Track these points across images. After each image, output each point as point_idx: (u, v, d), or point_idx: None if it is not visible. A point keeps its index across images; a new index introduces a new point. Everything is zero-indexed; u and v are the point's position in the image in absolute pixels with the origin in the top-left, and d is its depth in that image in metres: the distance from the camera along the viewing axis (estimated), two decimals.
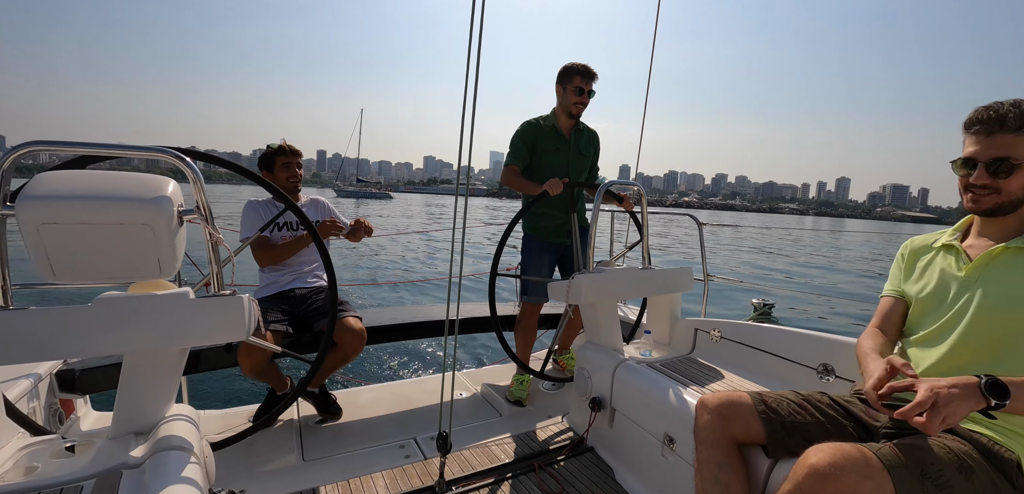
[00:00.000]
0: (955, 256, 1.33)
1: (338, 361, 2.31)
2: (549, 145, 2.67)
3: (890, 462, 1.03)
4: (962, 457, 1.09)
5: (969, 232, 1.37)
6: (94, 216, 1.18)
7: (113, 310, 1.29)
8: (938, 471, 1.05)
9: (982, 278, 1.24)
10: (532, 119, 2.72)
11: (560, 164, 2.68)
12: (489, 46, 38.55)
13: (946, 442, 1.12)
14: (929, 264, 1.40)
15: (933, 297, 1.34)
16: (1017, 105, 1.16)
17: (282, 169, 2.44)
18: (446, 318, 1.88)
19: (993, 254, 1.24)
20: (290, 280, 2.47)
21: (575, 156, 2.72)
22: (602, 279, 2.32)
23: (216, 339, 1.42)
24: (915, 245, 1.49)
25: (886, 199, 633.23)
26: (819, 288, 12.79)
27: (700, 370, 2.24)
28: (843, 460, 1.02)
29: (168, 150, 1.39)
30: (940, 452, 1.08)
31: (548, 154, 2.67)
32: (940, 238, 1.42)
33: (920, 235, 1.51)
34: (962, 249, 1.32)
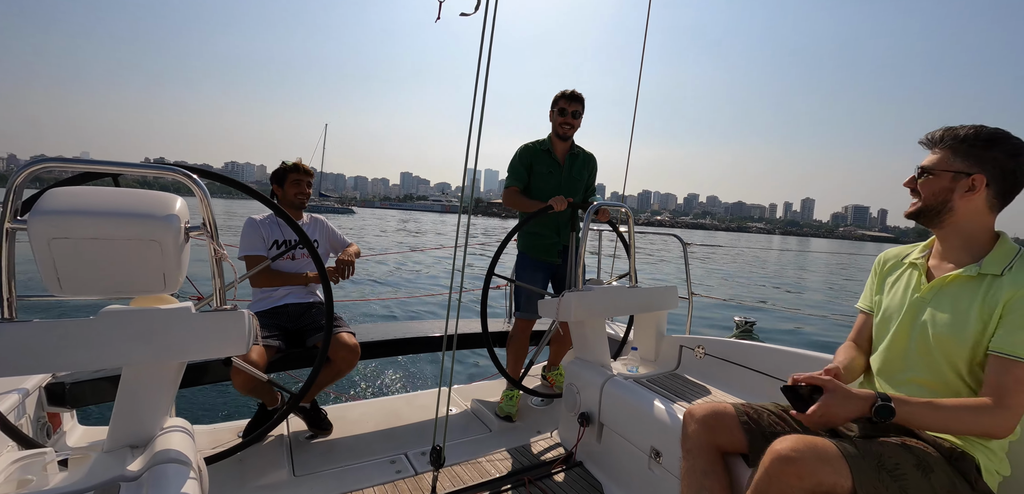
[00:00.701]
0: (918, 274, 1.40)
1: (331, 376, 2.32)
2: (544, 168, 2.76)
3: (848, 452, 1.12)
4: (921, 455, 1.17)
5: (933, 252, 1.44)
6: (105, 231, 1.20)
7: (117, 323, 1.30)
8: (895, 465, 1.13)
9: (933, 301, 1.32)
10: (530, 142, 2.82)
11: (553, 187, 2.76)
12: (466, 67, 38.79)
13: (907, 442, 1.21)
14: (896, 279, 1.48)
15: (889, 310, 1.43)
16: (949, 128, 1.30)
17: (292, 185, 2.52)
18: (445, 333, 1.92)
19: (946, 280, 1.31)
20: (284, 295, 2.49)
21: (568, 180, 2.81)
22: (591, 297, 2.36)
23: (217, 353, 1.44)
24: (888, 258, 1.56)
25: (848, 219, 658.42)
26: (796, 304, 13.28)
27: (685, 386, 2.29)
28: (804, 447, 1.12)
29: (177, 169, 1.42)
30: (899, 452, 1.16)
31: (542, 177, 2.76)
32: (911, 254, 1.49)
33: (895, 247, 1.58)
34: (926, 268, 1.40)
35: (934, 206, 1.31)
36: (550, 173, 2.76)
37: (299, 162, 2.56)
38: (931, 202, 1.31)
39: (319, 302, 2.59)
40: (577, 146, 2.86)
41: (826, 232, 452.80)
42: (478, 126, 1.66)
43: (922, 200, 1.33)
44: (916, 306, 1.35)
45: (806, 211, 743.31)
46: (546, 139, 2.81)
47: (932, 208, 1.31)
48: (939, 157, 1.30)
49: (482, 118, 1.67)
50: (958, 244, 1.33)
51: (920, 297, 1.35)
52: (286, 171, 2.54)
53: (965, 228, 1.30)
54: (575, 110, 2.71)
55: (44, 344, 1.23)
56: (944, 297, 1.30)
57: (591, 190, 2.97)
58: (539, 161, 2.76)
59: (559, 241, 2.76)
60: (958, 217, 1.29)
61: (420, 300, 8.68)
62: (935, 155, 1.31)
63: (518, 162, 2.76)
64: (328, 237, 2.68)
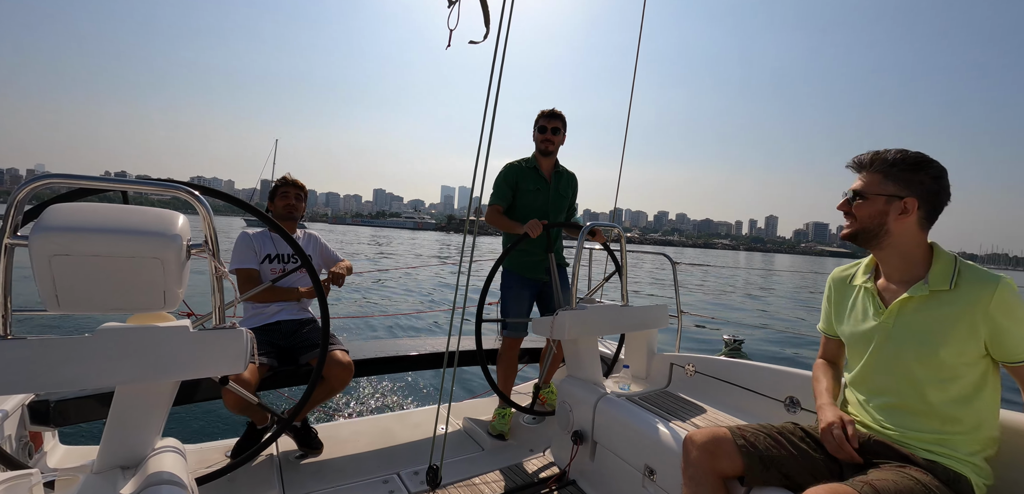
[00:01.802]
0: (872, 300, 1.44)
1: (324, 394, 2.29)
2: (530, 186, 2.79)
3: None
4: (927, 486, 1.21)
5: (878, 271, 1.48)
6: (107, 249, 1.19)
7: (116, 341, 1.28)
8: None
9: (896, 326, 1.36)
10: (514, 161, 2.85)
11: (540, 204, 2.80)
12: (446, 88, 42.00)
13: (911, 473, 1.24)
14: (852, 304, 1.52)
15: (858, 341, 1.46)
16: (877, 152, 1.37)
17: (280, 198, 2.52)
18: (446, 350, 1.95)
19: (902, 303, 1.35)
20: (276, 312, 2.46)
21: (555, 197, 2.85)
22: (584, 316, 2.38)
23: (215, 371, 1.42)
24: (837, 279, 1.61)
25: (809, 236, 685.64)
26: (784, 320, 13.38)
27: (677, 403, 2.32)
28: None
29: (179, 186, 1.41)
30: (908, 484, 1.20)
31: (529, 194, 2.79)
32: (856, 276, 1.54)
33: (841, 266, 1.63)
34: (876, 292, 1.44)
35: (871, 229, 1.36)
36: (537, 190, 2.80)
37: (287, 176, 2.56)
38: (867, 224, 1.36)
39: (311, 319, 2.57)
40: (560, 164, 2.90)
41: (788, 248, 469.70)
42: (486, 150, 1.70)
43: (858, 223, 1.38)
44: (882, 333, 1.39)
45: (770, 228, 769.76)
46: (531, 157, 2.84)
47: (869, 230, 1.37)
48: (869, 180, 1.36)
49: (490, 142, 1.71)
50: (898, 263, 1.38)
51: (882, 322, 1.39)
52: (277, 186, 2.55)
53: (902, 247, 1.36)
54: (555, 127, 2.76)
55: (41, 362, 1.21)
56: (905, 320, 1.35)
57: (573, 209, 3.01)
58: (525, 179, 2.79)
59: (546, 259, 2.76)
60: (894, 238, 1.35)
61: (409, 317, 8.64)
62: (865, 178, 1.37)
63: (503, 181, 2.78)
64: (320, 252, 2.66)
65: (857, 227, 1.39)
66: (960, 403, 1.29)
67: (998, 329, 1.24)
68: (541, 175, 2.82)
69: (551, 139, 2.77)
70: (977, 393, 1.29)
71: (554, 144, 2.78)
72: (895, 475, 1.22)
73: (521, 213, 2.79)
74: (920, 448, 1.30)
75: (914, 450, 1.31)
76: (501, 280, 2.85)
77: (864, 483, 1.18)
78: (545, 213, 2.78)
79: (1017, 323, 1.23)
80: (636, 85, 3.03)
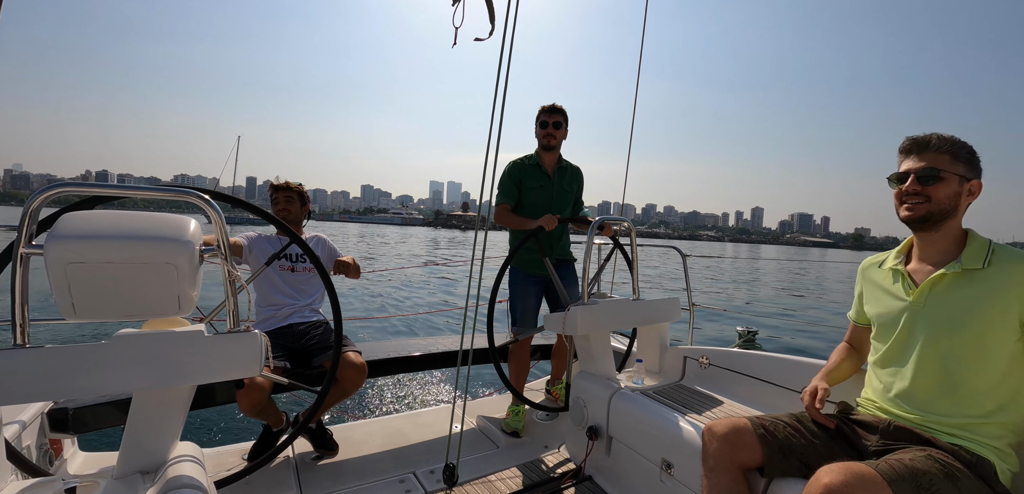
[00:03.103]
0: (902, 281, 1.43)
1: (338, 396, 2.30)
2: (534, 183, 2.78)
3: (890, 476, 1.13)
4: (948, 467, 1.19)
5: (911, 255, 1.47)
6: (121, 255, 1.20)
7: (132, 348, 1.28)
8: (929, 481, 1.15)
9: (926, 304, 1.35)
10: (518, 158, 2.84)
11: (544, 200, 2.79)
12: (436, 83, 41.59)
13: (932, 454, 1.22)
14: (880, 287, 1.52)
15: (886, 322, 1.45)
16: (940, 134, 1.34)
17: (273, 204, 2.54)
18: (459, 349, 1.95)
19: (933, 280, 1.35)
20: (288, 314, 2.45)
21: (559, 193, 2.83)
22: (596, 310, 2.38)
23: (231, 375, 1.42)
24: (867, 267, 1.61)
25: (794, 226, 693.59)
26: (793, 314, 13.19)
27: (692, 396, 2.31)
28: (853, 478, 1.11)
29: (192, 191, 1.42)
30: (929, 465, 1.18)
31: (532, 191, 2.79)
32: (887, 261, 1.53)
33: (870, 257, 1.63)
34: (907, 274, 1.43)
35: (946, 209, 1.33)
36: (541, 187, 2.79)
37: (284, 181, 2.58)
38: (945, 204, 1.32)
39: (323, 321, 2.56)
40: (564, 159, 2.88)
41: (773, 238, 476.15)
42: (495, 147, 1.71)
43: (935, 203, 1.33)
44: (912, 311, 1.38)
45: (756, 219, 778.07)
46: (534, 154, 2.83)
47: (945, 210, 1.33)
48: (939, 160, 1.32)
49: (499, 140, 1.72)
50: (943, 246, 1.37)
51: (913, 302, 1.38)
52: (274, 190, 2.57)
53: (952, 230, 1.36)
54: (556, 122, 2.74)
55: (59, 370, 1.21)
56: (936, 298, 1.34)
57: (579, 203, 2.99)
58: (529, 176, 2.78)
59: (552, 255, 2.78)
60: (955, 221, 1.35)
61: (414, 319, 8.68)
62: (931, 158, 1.33)
63: (507, 179, 2.78)
64: (329, 254, 2.64)
65: (932, 207, 1.33)
66: (987, 386, 1.27)
67: None
68: (544, 171, 2.82)
69: (553, 134, 2.76)
70: (1006, 377, 1.27)
71: (556, 139, 2.78)
72: (914, 454, 1.22)
73: (525, 210, 2.79)
74: (943, 433, 1.29)
75: (937, 434, 1.30)
76: (508, 279, 2.84)
77: (881, 461, 1.18)
78: (549, 209, 2.76)
79: None
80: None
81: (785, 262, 41.99)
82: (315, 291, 2.60)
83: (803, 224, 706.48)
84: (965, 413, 1.29)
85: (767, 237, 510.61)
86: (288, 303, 2.48)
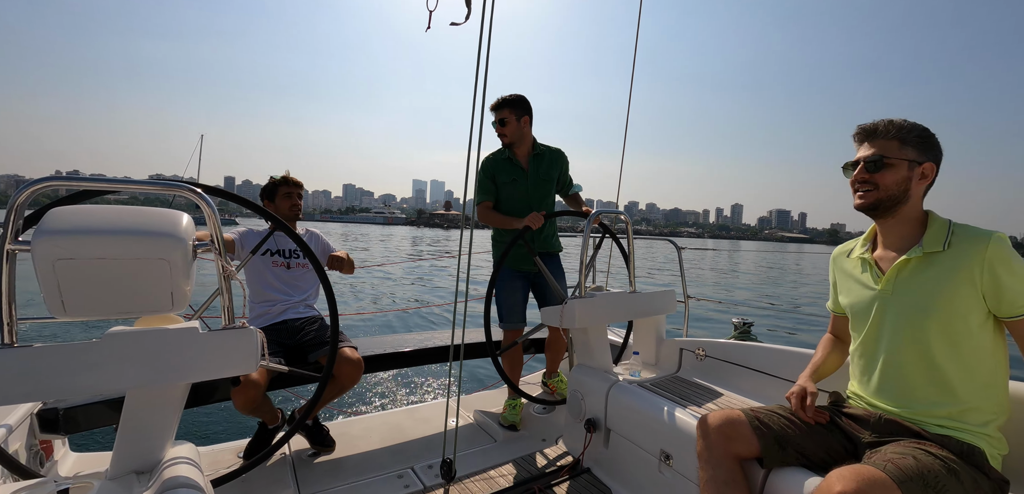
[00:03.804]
0: (870, 269, 1.44)
1: (335, 392, 2.28)
2: (507, 177, 2.72)
3: (900, 478, 1.13)
4: (947, 461, 1.20)
5: (876, 242, 1.48)
6: (112, 251, 1.17)
7: (124, 346, 1.25)
8: (935, 479, 1.15)
9: (895, 292, 1.36)
10: (491, 153, 2.78)
11: (520, 194, 2.73)
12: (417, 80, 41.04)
13: (929, 450, 1.23)
14: (851, 277, 1.52)
15: (859, 311, 1.47)
16: (889, 120, 1.36)
17: (284, 199, 2.49)
18: (451, 343, 1.92)
19: (898, 267, 1.36)
20: (283, 310, 2.42)
21: (535, 184, 2.76)
22: (594, 303, 2.38)
23: (226, 372, 1.39)
24: (837, 256, 1.62)
25: (772, 223, 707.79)
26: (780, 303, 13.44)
27: (690, 388, 2.33)
28: (865, 484, 1.11)
29: (185, 185, 1.39)
30: (931, 461, 1.19)
31: (507, 185, 2.73)
32: (855, 250, 1.54)
33: (840, 245, 1.64)
34: (874, 261, 1.44)
35: (896, 195, 1.34)
36: (515, 181, 2.73)
37: (288, 175, 2.54)
38: (893, 190, 1.34)
39: (318, 317, 2.54)
40: (541, 145, 2.81)
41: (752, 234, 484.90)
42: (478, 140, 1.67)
43: (882, 190, 1.35)
44: (882, 299, 1.39)
45: (736, 216, 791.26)
46: (506, 147, 2.76)
47: (894, 197, 1.35)
48: (887, 146, 1.34)
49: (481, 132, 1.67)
50: (903, 231, 1.39)
51: (881, 290, 1.39)
52: (276, 185, 2.51)
53: (910, 214, 1.37)
54: (502, 118, 2.65)
55: (49, 370, 1.17)
56: (903, 284, 1.35)
57: (567, 184, 2.91)
58: (501, 170, 2.73)
59: (536, 247, 2.75)
60: (910, 205, 1.36)
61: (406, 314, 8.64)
62: (880, 145, 1.35)
63: (483, 176, 2.72)
64: (323, 250, 2.61)
65: (880, 194, 1.36)
66: (965, 370, 1.28)
67: (996, 282, 1.24)
68: (517, 164, 2.75)
69: (503, 132, 2.68)
70: (982, 358, 1.28)
71: (508, 136, 2.68)
72: (913, 451, 1.22)
73: (503, 206, 2.76)
74: (931, 423, 1.30)
75: (925, 425, 1.30)
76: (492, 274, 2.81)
77: (887, 462, 1.18)
78: (527, 201, 2.72)
79: (1013, 275, 1.23)
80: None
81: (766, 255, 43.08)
82: (309, 287, 2.57)
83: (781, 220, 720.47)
84: (948, 402, 1.29)
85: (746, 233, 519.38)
86: (282, 299, 2.45)
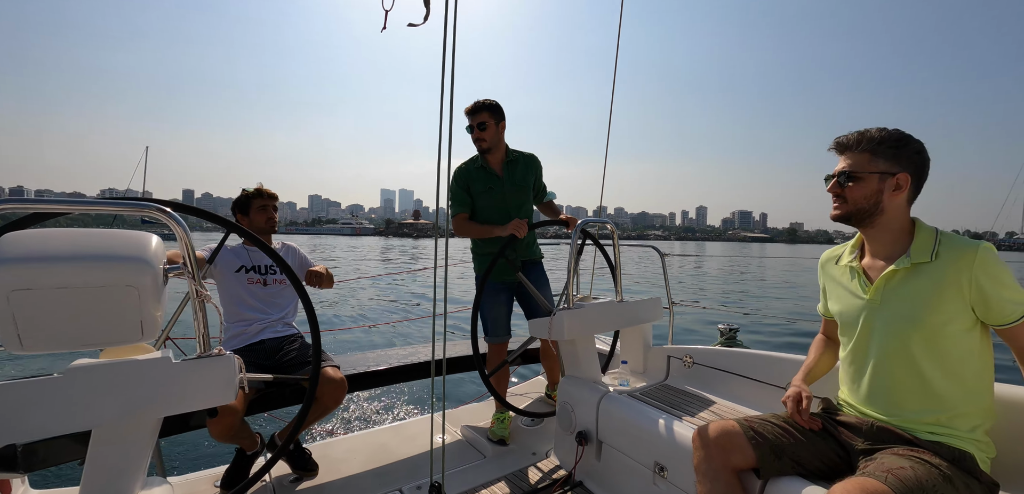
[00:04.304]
0: (858, 278, 1.45)
1: (318, 414, 2.18)
2: (482, 186, 2.66)
3: (901, 489, 1.14)
4: (941, 469, 1.21)
5: (864, 250, 1.49)
6: (75, 279, 1.08)
7: (89, 380, 1.16)
8: (933, 487, 1.16)
9: (883, 302, 1.37)
10: (464, 162, 2.72)
11: (496, 203, 2.67)
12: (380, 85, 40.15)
13: (923, 458, 1.24)
14: (839, 284, 1.53)
15: (848, 319, 1.47)
16: (861, 132, 1.36)
17: (259, 212, 2.39)
18: (432, 358, 1.83)
19: (886, 277, 1.37)
20: (260, 330, 2.31)
21: (511, 191, 2.69)
22: (582, 314, 2.34)
23: (203, 403, 1.30)
24: (826, 262, 1.62)
25: (735, 223, 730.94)
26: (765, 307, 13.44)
27: (680, 396, 2.31)
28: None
29: (152, 204, 1.28)
30: (927, 470, 1.20)
31: (482, 195, 2.66)
32: (843, 257, 1.54)
33: (829, 249, 1.64)
34: (862, 270, 1.45)
35: (866, 208, 1.37)
36: (490, 189, 2.67)
37: (261, 187, 2.43)
38: (862, 204, 1.37)
39: (296, 335, 2.43)
40: (514, 151, 2.75)
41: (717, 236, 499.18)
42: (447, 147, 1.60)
43: (850, 204, 1.38)
44: (870, 309, 1.40)
45: (701, 218, 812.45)
46: (479, 155, 2.70)
47: (864, 210, 1.37)
48: (858, 160, 1.36)
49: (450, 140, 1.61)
50: (887, 239, 1.40)
51: (870, 299, 1.40)
52: (250, 198, 2.40)
53: (891, 224, 1.38)
54: (481, 122, 2.58)
55: (6, 409, 1.08)
56: (891, 294, 1.36)
57: (541, 190, 2.87)
58: (475, 179, 2.67)
59: (518, 258, 2.68)
60: (887, 215, 1.36)
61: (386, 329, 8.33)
62: (852, 159, 1.37)
63: (456, 187, 2.66)
64: (300, 264, 2.51)
65: (849, 208, 1.39)
66: (953, 378, 1.29)
67: (983, 293, 1.25)
68: (491, 172, 2.68)
69: (482, 138, 2.61)
70: (969, 365, 1.30)
71: (487, 141, 2.61)
72: (908, 460, 1.23)
73: (479, 215, 2.70)
74: (922, 430, 1.31)
75: (916, 432, 1.31)
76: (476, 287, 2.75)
77: (887, 473, 1.18)
78: (504, 209, 2.67)
79: (1001, 285, 1.24)
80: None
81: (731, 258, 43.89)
82: (287, 304, 2.47)
83: (743, 221, 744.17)
84: (937, 410, 1.30)
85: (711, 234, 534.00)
86: (259, 318, 2.34)
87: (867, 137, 1.36)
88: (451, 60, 1.58)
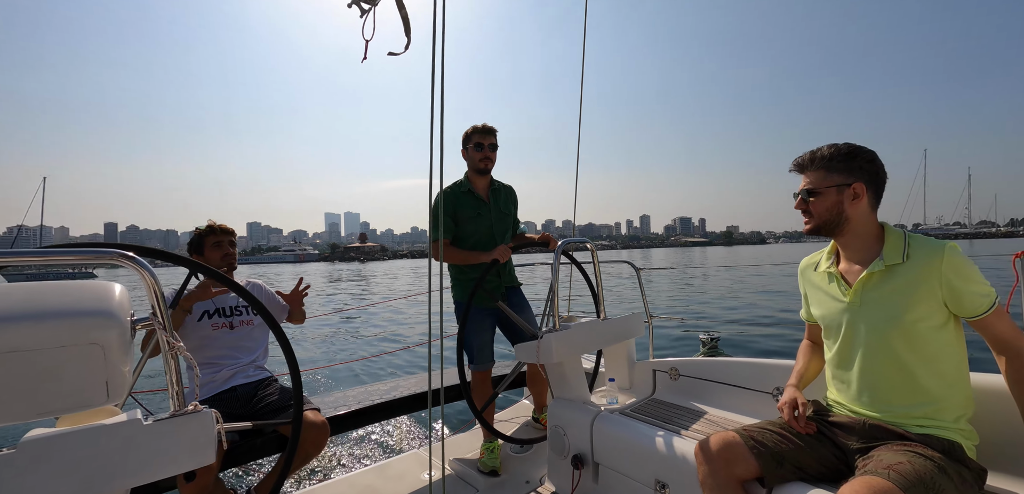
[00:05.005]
0: (837, 283, 1.51)
1: (298, 463, 2.05)
2: (470, 211, 2.63)
3: (905, 485, 1.17)
4: (934, 460, 1.25)
5: (840, 256, 1.55)
6: (28, 341, 0.93)
7: (45, 453, 1.01)
8: (933, 480, 1.20)
9: (863, 304, 1.43)
10: (448, 187, 2.67)
11: (484, 228, 2.65)
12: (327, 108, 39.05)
13: (917, 450, 1.28)
14: (820, 289, 1.59)
15: (831, 323, 1.52)
16: (813, 152, 1.47)
17: (214, 249, 2.24)
18: (429, 389, 1.75)
19: (863, 280, 1.43)
20: (230, 376, 2.15)
21: (497, 217, 2.71)
22: (569, 335, 2.29)
23: (180, 468, 1.17)
24: (805, 269, 1.67)
25: (677, 229, 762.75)
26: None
27: (671, 410, 2.29)
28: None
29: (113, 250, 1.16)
30: (924, 463, 1.24)
31: (470, 221, 2.63)
32: (821, 264, 1.60)
33: (807, 256, 1.69)
34: (840, 275, 1.51)
35: (831, 220, 1.45)
36: (479, 215, 2.65)
37: (213, 223, 2.30)
38: (826, 217, 1.46)
39: (271, 377, 2.28)
40: (495, 180, 2.77)
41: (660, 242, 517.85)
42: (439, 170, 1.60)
43: (817, 218, 1.47)
44: (852, 312, 1.46)
45: (644, 225, 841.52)
46: (464, 180, 2.68)
47: (829, 222, 1.46)
48: (815, 177, 1.46)
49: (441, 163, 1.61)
50: (858, 245, 1.47)
51: (850, 303, 1.46)
52: (202, 236, 2.26)
53: (859, 230, 1.45)
54: (492, 143, 2.62)
55: None
56: (869, 296, 1.42)
57: (516, 222, 2.89)
58: (463, 204, 2.63)
59: (500, 284, 2.68)
60: (853, 223, 1.44)
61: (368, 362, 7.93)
62: (811, 177, 1.47)
63: (442, 211, 2.57)
64: (268, 300, 2.37)
65: (817, 222, 1.47)
66: (934, 371, 1.35)
67: (953, 289, 1.32)
68: (478, 197, 2.67)
69: (489, 157, 2.63)
70: (948, 358, 1.36)
71: (493, 162, 2.66)
72: (905, 455, 1.26)
73: (464, 242, 2.65)
74: (912, 424, 1.36)
75: (907, 427, 1.36)
76: (457, 315, 2.68)
77: (888, 469, 1.21)
78: (491, 235, 2.66)
79: (968, 281, 1.32)
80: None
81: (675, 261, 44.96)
82: (258, 346, 2.31)
83: (684, 227, 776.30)
84: (924, 403, 1.36)
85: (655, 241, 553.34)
86: (229, 363, 2.17)
87: (818, 156, 1.46)
88: (440, 87, 1.55)
